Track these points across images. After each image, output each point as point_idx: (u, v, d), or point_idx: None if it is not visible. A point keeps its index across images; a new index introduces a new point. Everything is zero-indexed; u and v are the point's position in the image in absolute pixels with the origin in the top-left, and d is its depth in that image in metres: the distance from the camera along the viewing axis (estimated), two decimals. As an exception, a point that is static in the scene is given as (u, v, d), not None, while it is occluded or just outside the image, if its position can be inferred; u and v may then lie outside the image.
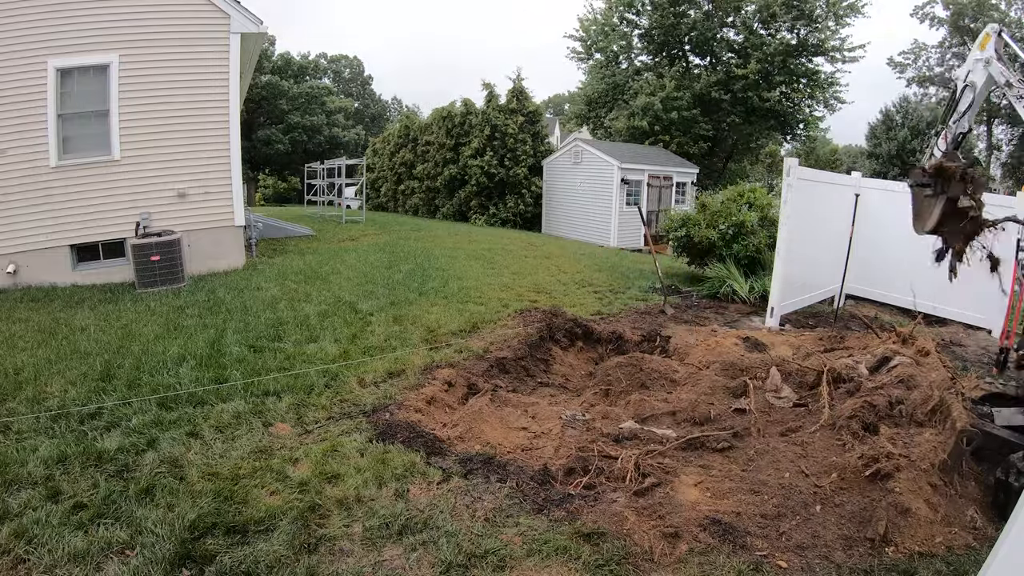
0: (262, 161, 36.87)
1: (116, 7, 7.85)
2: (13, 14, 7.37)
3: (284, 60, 38.81)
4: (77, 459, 3.17)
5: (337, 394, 4.30)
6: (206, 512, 2.74)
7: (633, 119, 24.64)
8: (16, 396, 4.00)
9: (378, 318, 6.31)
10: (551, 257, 11.85)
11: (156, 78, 8.14)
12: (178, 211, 8.44)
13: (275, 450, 3.43)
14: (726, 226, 9.28)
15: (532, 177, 20.16)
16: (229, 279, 8.13)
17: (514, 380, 5.11)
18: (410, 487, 3.09)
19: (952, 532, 2.85)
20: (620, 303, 7.93)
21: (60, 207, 7.81)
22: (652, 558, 2.60)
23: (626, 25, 26.86)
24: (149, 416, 3.73)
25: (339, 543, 2.63)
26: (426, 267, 9.45)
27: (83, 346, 5.07)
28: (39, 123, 7.62)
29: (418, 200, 23.76)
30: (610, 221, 17.21)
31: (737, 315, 7.75)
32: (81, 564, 2.39)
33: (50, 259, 7.84)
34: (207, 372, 4.53)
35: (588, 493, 3.18)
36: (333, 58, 53.60)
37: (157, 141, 8.23)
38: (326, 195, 20.61)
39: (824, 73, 25.09)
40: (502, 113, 20.12)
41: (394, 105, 60.80)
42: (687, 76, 25.89)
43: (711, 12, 24.65)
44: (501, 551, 2.59)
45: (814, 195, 7.25)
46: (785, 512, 2.98)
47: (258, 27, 8.74)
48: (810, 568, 2.57)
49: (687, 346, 5.91)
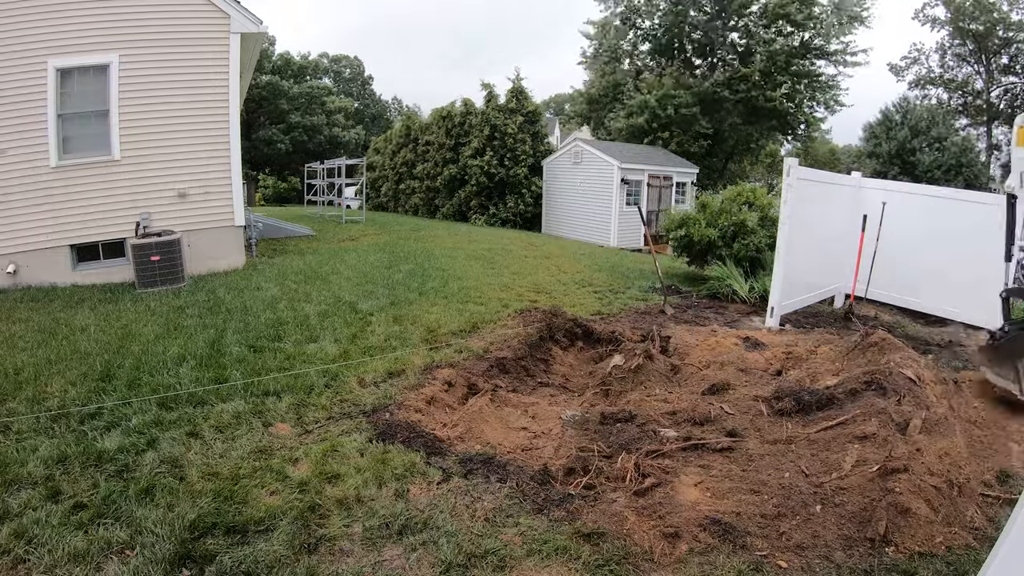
0: (262, 161, 36.85)
1: (116, 7, 7.85)
2: (13, 14, 7.37)
3: (284, 60, 38.80)
4: (77, 459, 3.17)
5: (337, 394, 4.30)
6: (206, 512, 2.74)
7: (631, 117, 24.66)
8: (16, 396, 3.99)
9: (378, 318, 6.32)
10: (551, 257, 11.85)
11: (156, 78, 8.14)
12: (178, 211, 8.44)
13: (275, 450, 3.43)
14: (726, 226, 9.28)
15: (532, 177, 20.16)
16: (229, 279, 8.13)
17: (514, 380, 5.11)
18: (410, 487, 3.09)
19: (952, 532, 2.85)
20: (620, 303, 7.93)
21: (60, 207, 7.81)
22: (652, 558, 2.60)
23: (629, 26, 26.89)
24: (149, 416, 3.73)
25: (339, 543, 2.63)
26: (426, 267, 9.45)
27: (83, 346, 5.07)
28: (39, 123, 7.62)
29: (418, 200, 23.76)
30: (610, 221, 17.21)
31: (737, 315, 7.74)
32: (81, 564, 2.39)
33: (50, 259, 7.85)
34: (207, 372, 4.53)
35: (588, 493, 3.17)
36: (333, 58, 53.59)
37: (157, 141, 8.23)
38: (326, 195, 20.62)
39: (826, 76, 25.12)
40: (501, 113, 20.13)
41: (394, 105, 60.79)
42: (688, 75, 25.91)
43: (714, 14, 24.67)
44: (501, 551, 2.59)
45: (814, 195, 7.25)
46: (785, 512, 2.98)
47: (258, 27, 8.75)
48: (810, 568, 2.57)
49: (687, 346, 5.91)
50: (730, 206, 9.60)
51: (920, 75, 34.66)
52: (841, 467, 3.26)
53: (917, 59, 34.67)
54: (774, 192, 12.05)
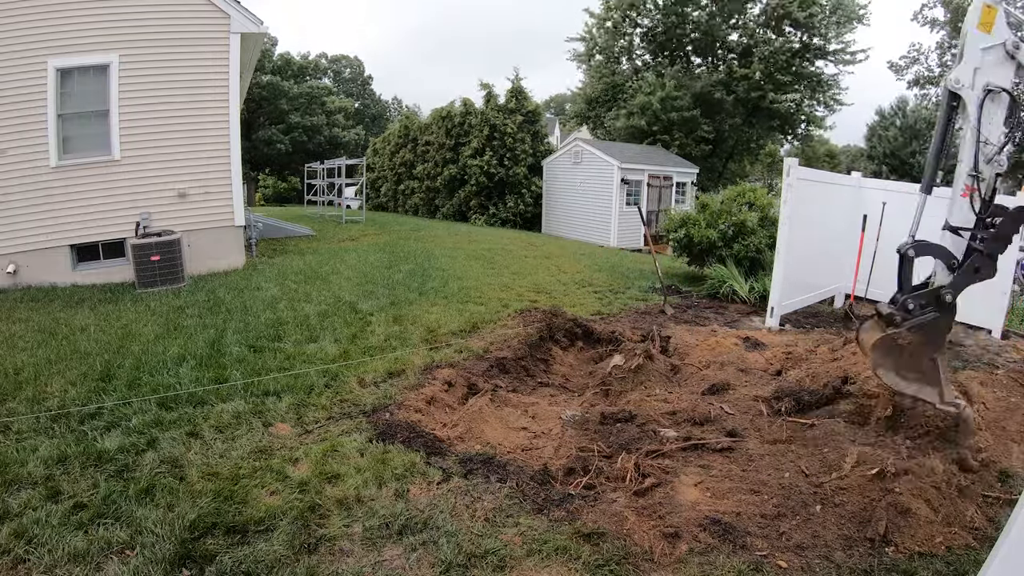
0: (262, 161, 36.84)
1: (116, 7, 7.85)
2: (13, 14, 7.37)
3: (284, 60, 38.78)
4: (77, 459, 3.17)
5: (337, 394, 4.30)
6: (206, 512, 2.74)
7: (632, 118, 24.67)
8: (16, 396, 3.99)
9: (378, 318, 6.32)
10: (551, 257, 11.85)
11: (156, 78, 8.14)
12: (178, 211, 8.44)
13: (275, 450, 3.43)
14: (726, 226, 9.28)
15: (532, 177, 20.16)
16: (229, 279, 8.13)
17: (514, 380, 5.11)
18: (410, 487, 3.09)
19: (952, 532, 2.85)
20: (620, 303, 7.93)
21: (60, 207, 7.81)
22: (652, 558, 2.60)
23: (628, 25, 26.89)
24: (149, 416, 3.73)
25: (339, 543, 2.63)
26: (426, 267, 9.45)
27: (83, 346, 5.07)
28: (39, 123, 7.62)
29: (418, 200, 23.76)
30: (610, 221, 17.21)
31: (737, 315, 7.75)
32: (81, 564, 2.39)
33: (50, 259, 7.85)
34: (207, 372, 4.53)
35: (588, 493, 3.18)
36: (333, 58, 53.59)
37: (157, 141, 8.24)
38: (326, 195, 20.62)
39: (826, 75, 25.15)
40: (501, 113, 20.13)
41: (394, 105, 60.78)
42: (688, 76, 25.92)
43: (715, 12, 24.69)
44: (501, 551, 2.59)
45: (814, 195, 7.25)
46: (785, 512, 2.98)
47: (258, 27, 8.75)
48: (810, 568, 2.57)
49: (687, 346, 5.92)
50: (730, 206, 9.60)
51: (919, 74, 34.66)
52: (841, 467, 3.26)
53: (916, 59, 34.67)
54: (774, 192, 12.06)
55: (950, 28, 30.18)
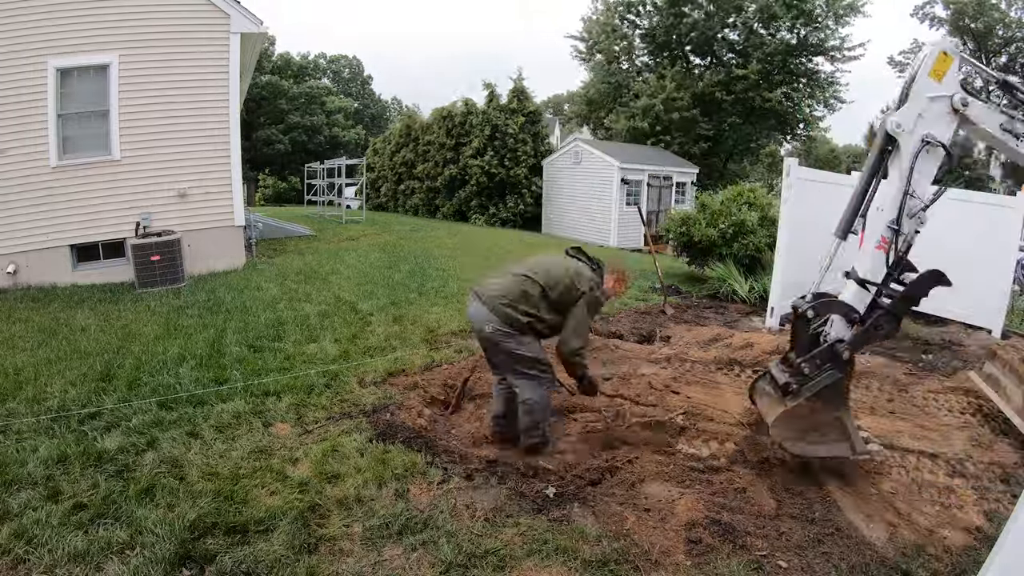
0: (262, 161, 36.82)
1: (116, 7, 7.84)
2: (13, 14, 7.36)
3: (284, 60, 38.76)
4: (77, 459, 3.17)
5: (337, 394, 4.30)
6: (206, 512, 2.74)
7: (634, 120, 24.67)
8: (16, 396, 3.99)
9: (378, 318, 6.32)
10: (551, 257, 11.82)
11: (156, 78, 8.13)
12: (178, 211, 8.43)
13: (275, 450, 3.42)
14: (726, 225, 9.28)
15: (532, 177, 20.15)
16: (229, 279, 8.13)
17: (514, 380, 5.10)
18: (410, 487, 3.09)
19: (952, 532, 2.85)
20: (620, 303, 7.92)
21: (60, 207, 7.80)
22: (652, 558, 2.60)
23: (627, 26, 26.88)
24: (149, 416, 3.73)
25: (339, 543, 2.63)
26: (426, 267, 9.45)
27: (83, 346, 5.07)
28: (39, 123, 7.61)
29: (418, 200, 23.74)
30: (610, 221, 17.21)
31: (737, 315, 7.75)
32: (81, 564, 2.39)
33: (50, 259, 7.84)
34: (207, 372, 4.53)
35: (588, 493, 3.17)
36: (333, 58, 53.51)
37: (157, 141, 8.22)
38: (326, 195, 20.58)
39: (824, 73, 25.12)
40: (503, 113, 20.09)
41: (394, 105, 60.73)
42: (688, 76, 25.91)
43: (712, 12, 24.68)
44: (501, 551, 2.59)
45: (814, 195, 7.24)
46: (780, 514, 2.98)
47: (258, 27, 8.74)
48: (810, 568, 2.57)
49: (686, 345, 5.91)
50: (730, 206, 9.60)
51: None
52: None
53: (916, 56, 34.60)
54: (774, 192, 12.06)
55: (950, 27, 30.16)
